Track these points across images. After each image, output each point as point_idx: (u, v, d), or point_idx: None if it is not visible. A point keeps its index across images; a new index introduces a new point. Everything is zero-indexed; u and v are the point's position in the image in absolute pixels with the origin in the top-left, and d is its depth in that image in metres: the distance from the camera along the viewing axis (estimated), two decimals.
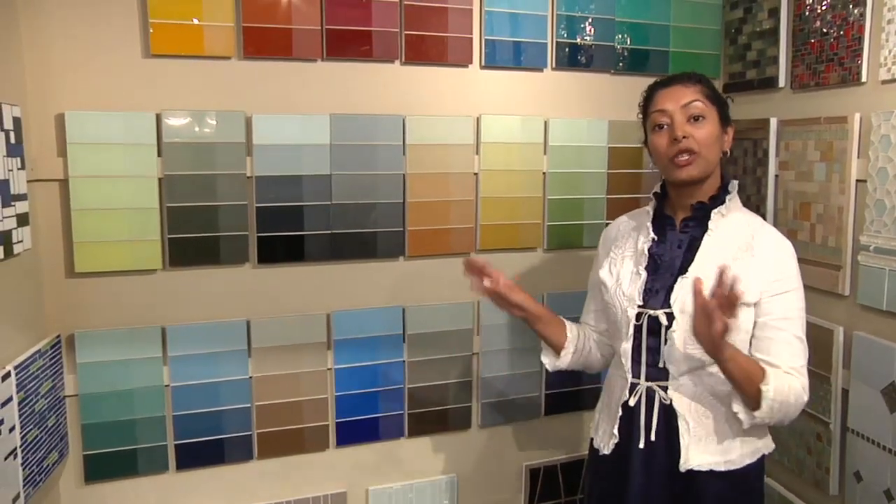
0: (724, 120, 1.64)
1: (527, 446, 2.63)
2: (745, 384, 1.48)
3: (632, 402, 1.66)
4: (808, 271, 2.06)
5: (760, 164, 2.40)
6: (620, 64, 2.55)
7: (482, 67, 2.39)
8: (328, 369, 2.31)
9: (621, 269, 1.70)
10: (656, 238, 1.69)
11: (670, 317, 1.59)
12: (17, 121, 1.85)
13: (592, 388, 2.62)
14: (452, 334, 2.44)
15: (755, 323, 1.57)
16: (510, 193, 2.43)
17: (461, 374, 2.47)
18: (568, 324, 1.88)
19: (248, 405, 2.24)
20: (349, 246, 2.28)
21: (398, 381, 2.40)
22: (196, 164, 2.11)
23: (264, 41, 2.14)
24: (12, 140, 1.82)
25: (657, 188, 1.77)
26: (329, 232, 2.25)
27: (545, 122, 2.46)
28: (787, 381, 1.51)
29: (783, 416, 1.51)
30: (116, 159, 2.04)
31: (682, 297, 1.57)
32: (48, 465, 1.95)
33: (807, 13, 2.25)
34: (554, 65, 2.47)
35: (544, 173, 2.48)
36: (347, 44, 2.23)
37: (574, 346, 1.84)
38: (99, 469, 2.12)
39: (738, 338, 1.52)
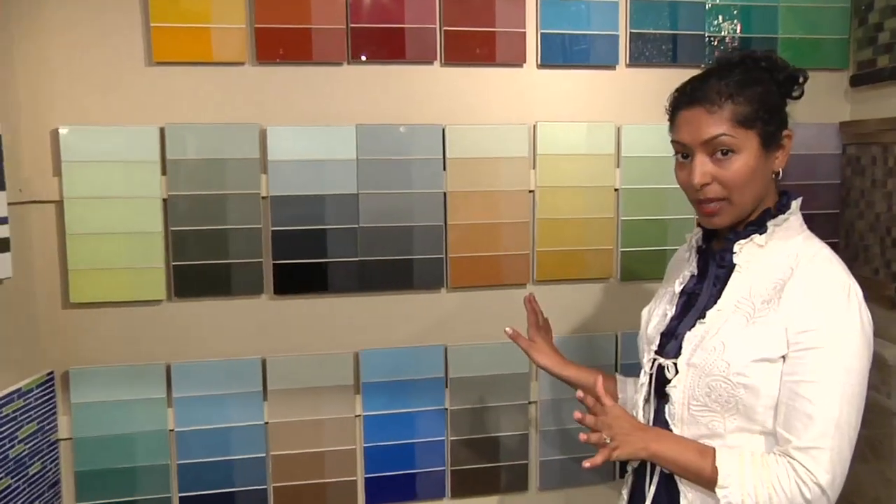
0: (770, 136, 1.31)
1: None
2: (698, 483, 1.29)
3: (634, 464, 1.46)
4: None
5: (892, 175, 2.00)
6: (713, 56, 2.18)
7: (539, 67, 2.14)
8: (356, 416, 2.13)
9: (656, 308, 1.50)
10: (696, 273, 1.44)
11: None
12: None
13: None
14: (504, 379, 2.18)
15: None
16: (574, 214, 2.16)
17: (515, 425, 2.22)
18: (620, 378, 1.67)
19: (263, 455, 2.07)
20: (380, 275, 2.09)
21: (439, 432, 2.18)
22: (204, 183, 1.98)
23: (280, 44, 1.99)
24: None
25: None
26: (356, 259, 2.07)
27: (617, 130, 2.18)
28: (769, 476, 1.22)
29: None
30: (116, 178, 1.93)
31: (690, 346, 1.33)
32: None
33: None
34: (628, 61, 2.17)
35: (616, 190, 2.20)
36: (376, 44, 2.04)
37: (629, 378, 1.65)
38: None
39: (759, 402, 1.25)
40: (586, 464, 1.29)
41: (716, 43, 2.17)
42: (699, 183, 1.29)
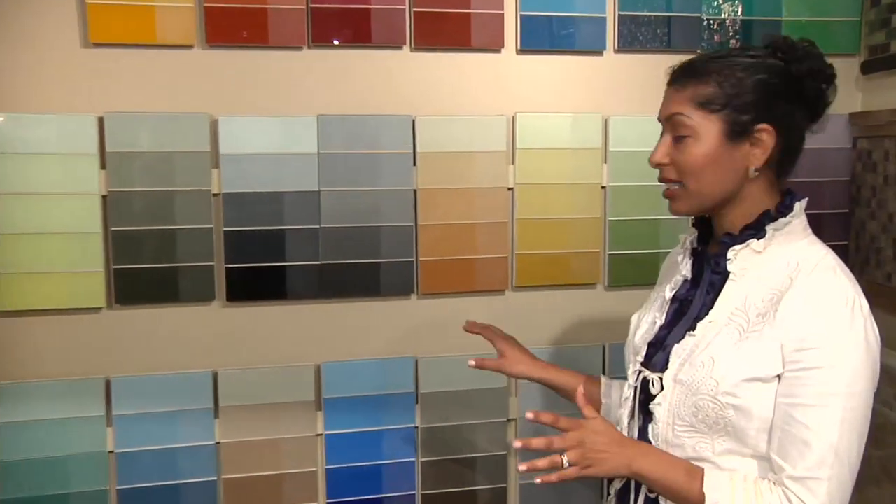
0: (739, 126, 1.25)
1: None
2: None
3: (617, 485, 1.41)
4: None
5: None
6: (712, 41, 2.10)
7: (518, 52, 2.06)
8: (317, 435, 2.05)
9: (645, 314, 1.45)
10: (689, 277, 1.39)
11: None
12: None
13: None
14: (480, 394, 2.11)
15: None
16: (557, 214, 2.10)
17: (493, 445, 2.14)
18: (605, 382, 1.63)
19: (214, 478, 1.99)
20: (344, 280, 2.02)
21: (408, 452, 2.10)
22: (148, 179, 1.90)
23: (233, 25, 1.91)
24: None
25: None
26: (318, 263, 2.00)
27: (604, 121, 2.11)
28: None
29: None
30: (49, 172, 1.85)
31: (678, 360, 1.28)
32: None
33: None
34: (617, 46, 2.09)
35: (603, 187, 2.12)
36: (340, 26, 1.96)
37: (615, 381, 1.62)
38: None
39: (751, 425, 1.21)
40: (537, 480, 1.24)
41: (715, 26, 2.08)
42: (654, 161, 1.30)
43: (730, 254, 1.27)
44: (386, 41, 1.97)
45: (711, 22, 2.07)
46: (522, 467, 1.21)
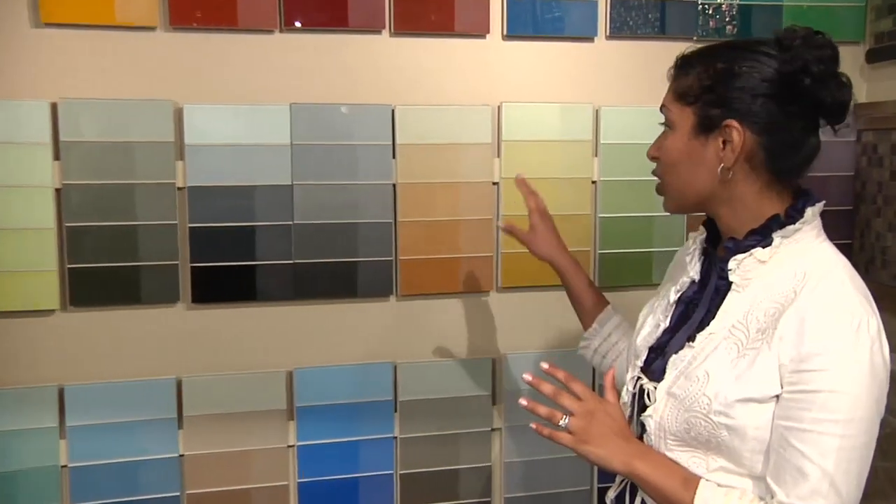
0: (707, 119, 1.22)
1: None
2: None
3: (612, 493, 1.39)
4: None
5: None
6: (708, 27, 2.06)
7: (504, 38, 2.02)
8: (289, 447, 2.00)
9: (650, 314, 1.42)
10: (696, 279, 1.34)
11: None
12: None
13: None
14: (463, 402, 2.07)
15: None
16: None
17: (476, 456, 2.10)
18: (608, 310, 1.66)
19: (178, 494, 1.93)
20: (318, 281, 1.98)
21: (386, 464, 2.06)
22: (106, 171, 1.83)
23: (199, 5, 1.85)
24: None
25: None
26: (290, 262, 1.95)
27: (595, 112, 2.07)
28: None
29: None
30: None
31: (674, 372, 1.25)
32: None
33: None
34: (608, 32, 2.05)
35: (594, 182, 2.09)
36: (314, 8, 1.92)
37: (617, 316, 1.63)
38: None
39: (745, 447, 1.18)
40: (532, 425, 1.24)
41: (710, 12, 2.04)
42: (648, 155, 1.31)
43: (731, 263, 1.23)
44: (364, 25, 1.93)
45: (707, 7, 2.03)
46: (523, 401, 1.23)
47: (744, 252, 1.22)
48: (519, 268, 2.04)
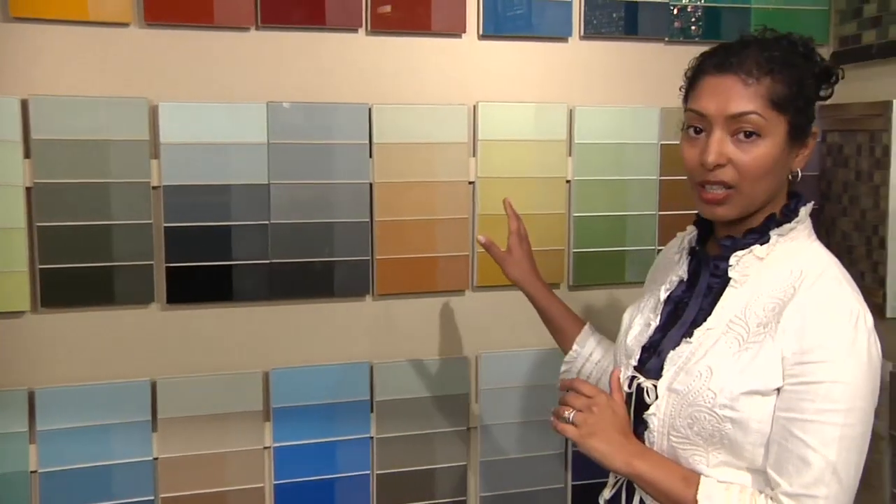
0: (799, 128, 1.25)
1: None
2: None
3: (607, 494, 1.41)
4: None
5: (880, 167, 1.94)
6: (677, 28, 2.09)
7: (480, 37, 2.02)
8: (265, 448, 1.98)
9: (638, 314, 1.44)
10: (685, 278, 1.38)
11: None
12: None
13: None
14: (440, 401, 2.07)
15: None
16: (520, 209, 1.95)
17: (452, 456, 2.10)
18: (587, 329, 1.68)
19: (151, 498, 1.90)
20: (294, 280, 1.96)
21: (363, 465, 2.04)
22: (79, 170, 1.80)
23: (174, 1, 1.83)
24: None
25: None
26: (266, 262, 1.94)
27: (570, 111, 2.07)
28: None
29: None
30: None
31: (673, 368, 1.27)
32: None
33: None
34: (582, 32, 2.06)
35: (568, 181, 2.09)
36: (291, 6, 1.90)
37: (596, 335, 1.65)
38: None
39: (747, 439, 1.21)
40: (552, 417, 1.31)
41: (675, 13, 2.08)
42: (713, 163, 1.20)
43: (732, 259, 1.26)
44: (340, 23, 1.92)
45: (672, 7, 2.07)
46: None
47: (743, 249, 1.26)
48: (495, 267, 1.97)
